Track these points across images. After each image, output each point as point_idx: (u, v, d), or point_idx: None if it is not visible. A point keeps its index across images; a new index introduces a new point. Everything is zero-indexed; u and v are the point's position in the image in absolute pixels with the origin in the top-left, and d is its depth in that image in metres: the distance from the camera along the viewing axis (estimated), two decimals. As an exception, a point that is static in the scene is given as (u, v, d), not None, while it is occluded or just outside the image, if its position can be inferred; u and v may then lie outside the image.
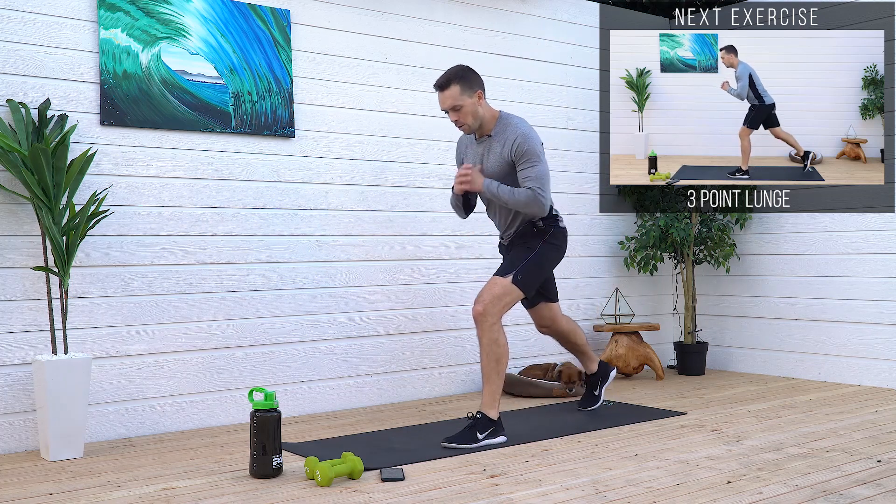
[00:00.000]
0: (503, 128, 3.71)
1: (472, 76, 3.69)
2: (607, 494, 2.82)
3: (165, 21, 4.00)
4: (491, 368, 3.59)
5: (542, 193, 3.63)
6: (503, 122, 3.73)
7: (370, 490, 2.93)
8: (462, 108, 3.65)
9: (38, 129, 3.61)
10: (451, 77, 3.66)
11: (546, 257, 3.78)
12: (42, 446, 3.51)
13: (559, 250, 3.85)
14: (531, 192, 3.61)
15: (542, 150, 3.69)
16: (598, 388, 4.31)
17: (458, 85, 3.63)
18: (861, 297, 4.98)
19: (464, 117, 3.67)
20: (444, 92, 3.66)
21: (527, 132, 3.66)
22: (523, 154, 3.63)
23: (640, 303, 5.76)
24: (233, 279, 4.20)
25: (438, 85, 3.68)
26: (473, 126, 3.72)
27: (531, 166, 3.63)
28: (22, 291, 3.67)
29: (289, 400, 4.28)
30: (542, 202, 3.64)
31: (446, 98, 3.65)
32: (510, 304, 3.67)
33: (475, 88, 3.67)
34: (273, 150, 4.31)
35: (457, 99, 3.64)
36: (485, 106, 3.72)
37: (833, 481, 2.93)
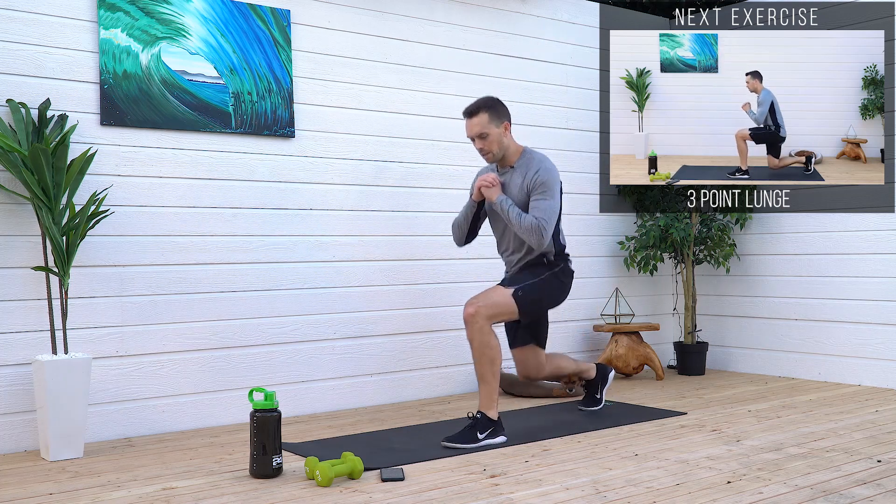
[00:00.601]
0: (527, 161, 3.78)
1: (500, 107, 3.77)
2: (607, 494, 2.82)
3: (165, 21, 4.00)
4: (486, 370, 3.59)
5: (546, 226, 3.65)
6: (527, 155, 3.81)
7: (370, 490, 2.93)
8: (488, 136, 3.71)
9: (38, 129, 3.61)
10: (480, 105, 3.74)
11: (550, 287, 3.79)
12: (42, 446, 3.51)
13: (563, 288, 3.86)
14: (535, 221, 3.64)
15: (559, 188, 3.75)
16: (599, 391, 4.31)
17: (487, 113, 3.71)
18: (861, 297, 4.98)
19: (489, 145, 3.73)
20: (473, 119, 3.73)
21: (550, 167, 3.74)
22: (541, 185, 3.68)
23: (640, 303, 5.76)
24: (233, 279, 4.20)
25: (468, 112, 3.75)
26: (497, 155, 3.77)
27: (543, 199, 3.68)
28: (22, 291, 3.67)
29: (289, 400, 4.28)
30: (543, 234, 3.65)
31: (474, 125, 3.72)
32: (502, 315, 3.66)
33: (503, 119, 3.75)
34: (273, 150, 4.31)
35: (484, 127, 3.71)
36: (510, 138, 3.79)
37: (833, 481, 2.93)
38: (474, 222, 3.92)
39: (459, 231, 3.95)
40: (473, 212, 3.88)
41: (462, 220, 3.92)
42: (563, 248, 3.89)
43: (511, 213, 3.68)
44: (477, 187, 3.79)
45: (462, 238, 3.97)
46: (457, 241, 4.00)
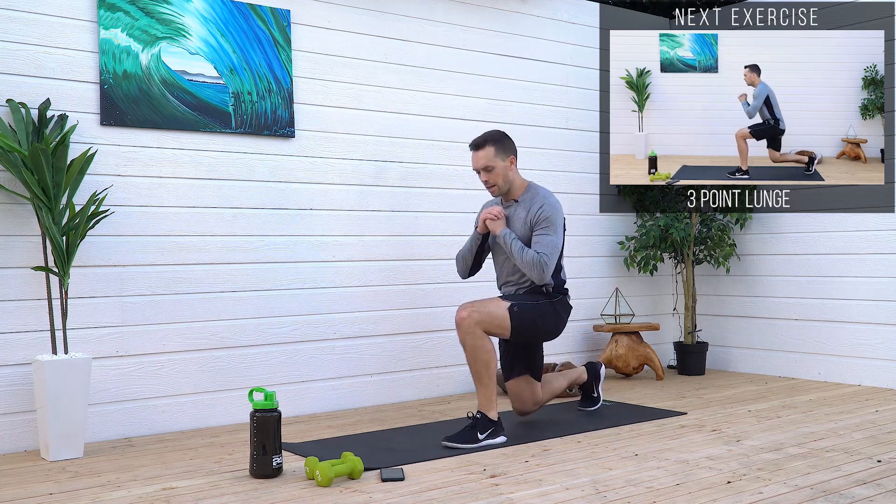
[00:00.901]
0: (531, 195, 3.81)
1: (507, 141, 3.80)
2: (607, 494, 2.82)
3: (165, 21, 4.00)
4: (482, 372, 3.59)
5: (547, 261, 3.65)
6: (532, 190, 3.83)
7: (370, 490, 2.93)
8: (494, 169, 3.75)
9: (38, 129, 3.61)
10: (487, 138, 3.77)
11: (546, 315, 3.76)
12: (42, 446, 3.51)
13: (559, 319, 3.83)
14: (538, 256, 3.65)
15: (562, 224, 3.76)
16: (595, 389, 4.30)
17: (493, 147, 3.75)
18: (861, 297, 4.98)
19: (494, 178, 3.76)
20: (479, 152, 3.76)
21: (554, 203, 3.76)
22: (544, 220, 3.71)
23: (640, 303, 5.76)
24: (233, 279, 4.20)
25: (474, 144, 3.79)
26: (503, 189, 3.80)
27: (546, 234, 3.70)
28: (22, 291, 3.67)
29: (289, 400, 4.28)
30: (544, 269, 3.66)
31: (480, 158, 3.76)
32: (493, 326, 3.61)
33: (508, 154, 3.78)
34: (273, 150, 4.31)
35: (490, 160, 3.74)
36: (515, 172, 3.82)
37: (833, 481, 2.93)
38: (478, 255, 3.94)
39: (464, 263, 3.96)
40: (478, 244, 3.89)
41: (467, 252, 3.93)
42: (563, 283, 3.89)
43: (514, 247, 3.69)
44: (482, 219, 3.81)
45: (466, 270, 3.98)
46: (460, 274, 4.00)
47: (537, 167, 5.24)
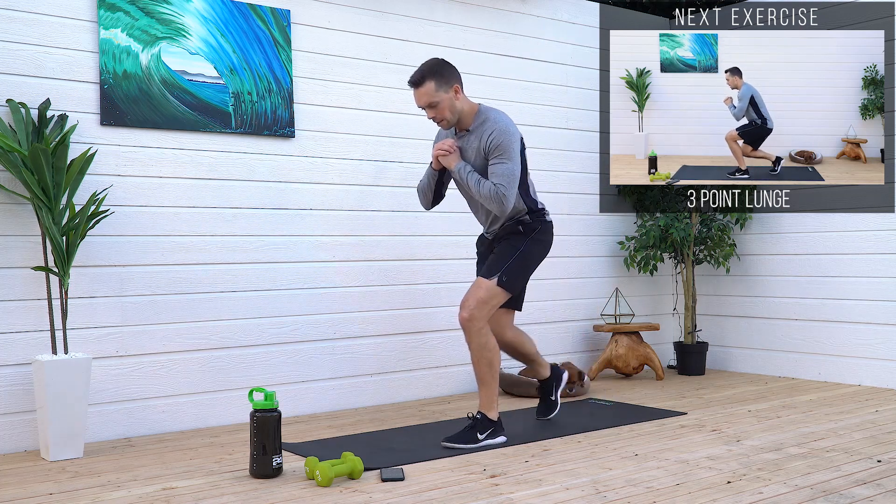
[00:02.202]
0: (482, 122, 3.60)
1: (447, 70, 3.57)
2: (607, 494, 2.82)
3: (165, 21, 4.00)
4: (484, 372, 3.57)
5: (505, 192, 3.50)
6: (482, 115, 3.61)
7: (370, 490, 2.93)
8: (438, 104, 3.53)
9: (38, 129, 3.61)
10: (424, 73, 3.53)
11: (531, 255, 3.69)
12: (42, 446, 3.51)
13: (545, 246, 3.75)
14: (494, 189, 3.50)
15: (517, 147, 3.58)
16: (554, 392, 4.10)
17: (433, 81, 3.51)
18: (861, 297, 4.98)
19: (441, 113, 3.55)
20: (419, 89, 3.53)
21: (504, 127, 3.55)
22: (496, 148, 3.52)
23: (640, 303, 5.76)
24: (233, 279, 4.20)
25: (412, 82, 3.55)
26: (452, 121, 3.60)
27: (500, 163, 3.52)
28: (22, 291, 3.67)
29: (289, 400, 4.28)
30: (504, 202, 3.52)
31: (421, 95, 3.54)
32: (496, 306, 3.60)
33: (451, 83, 3.55)
34: (273, 150, 4.31)
35: (432, 95, 3.52)
36: (463, 100, 3.60)
37: (833, 481, 2.93)
38: (438, 187, 3.79)
39: (424, 197, 3.83)
40: (435, 179, 3.75)
41: (425, 186, 3.79)
42: (536, 203, 3.73)
43: (470, 181, 3.56)
44: (434, 156, 3.66)
45: (428, 203, 3.84)
46: (423, 206, 3.87)
47: (537, 167, 5.24)
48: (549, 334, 5.30)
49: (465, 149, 3.65)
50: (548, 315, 5.31)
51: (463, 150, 3.66)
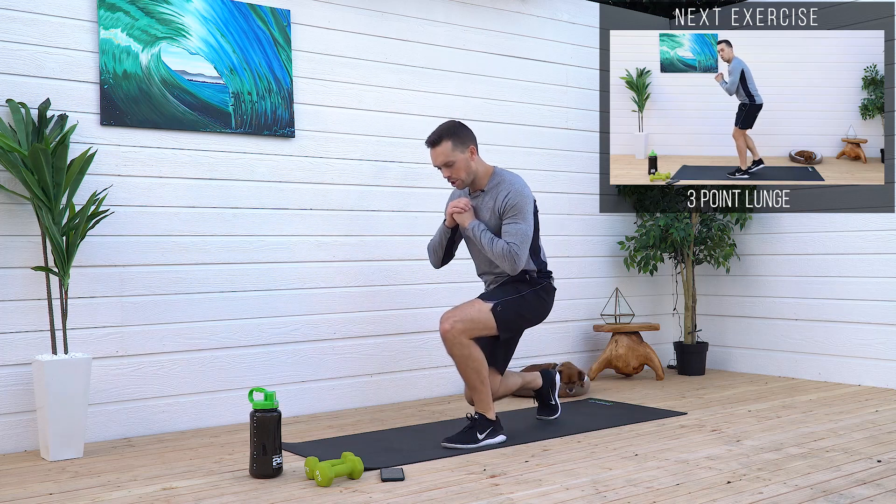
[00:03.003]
0: (497, 183, 3.68)
1: (463, 132, 3.65)
2: (607, 494, 2.82)
3: (165, 21, 4.00)
4: (473, 379, 3.56)
5: (518, 251, 3.55)
6: (497, 177, 3.70)
7: (370, 490, 2.93)
8: (454, 163, 3.61)
9: (38, 129, 3.61)
10: (442, 133, 3.62)
11: (530, 305, 3.69)
12: (42, 446, 3.51)
13: (545, 305, 3.76)
14: (507, 247, 3.55)
15: (531, 208, 3.64)
16: (552, 397, 4.11)
17: (450, 141, 3.60)
18: (861, 297, 4.98)
19: (457, 173, 3.63)
20: (436, 148, 3.62)
21: (520, 189, 3.63)
22: (511, 208, 3.59)
23: (640, 303, 5.76)
24: (232, 279, 4.20)
25: (430, 142, 3.64)
26: (467, 181, 3.67)
27: (514, 222, 3.58)
28: (22, 291, 3.67)
29: (289, 400, 4.28)
30: (516, 260, 3.56)
31: (438, 154, 3.62)
32: (479, 331, 3.54)
33: (467, 144, 3.64)
34: (273, 150, 4.31)
35: (449, 155, 3.60)
36: (478, 161, 3.69)
37: (833, 481, 2.93)
38: (449, 246, 3.86)
39: (435, 255, 3.89)
40: (447, 237, 3.82)
41: (437, 244, 3.86)
42: (545, 265, 3.79)
43: (483, 239, 3.60)
44: (449, 213, 3.72)
45: (438, 262, 3.91)
46: (433, 264, 3.93)
47: (537, 167, 5.24)
48: (549, 334, 5.31)
49: (480, 209, 3.72)
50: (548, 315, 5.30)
51: (477, 209, 3.73)
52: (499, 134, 5.08)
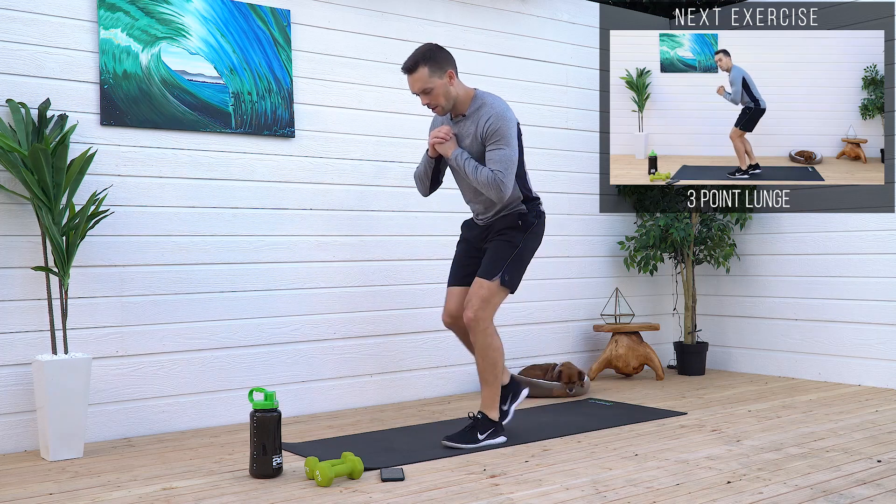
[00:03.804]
0: (478, 107, 3.54)
1: (440, 55, 3.51)
2: (607, 494, 2.82)
3: (165, 21, 4.00)
4: (488, 372, 3.57)
5: (503, 178, 3.46)
6: (478, 100, 3.56)
7: (370, 490, 2.93)
8: (433, 90, 3.49)
9: (38, 129, 3.61)
10: (418, 59, 3.49)
11: (528, 250, 3.66)
12: (42, 446, 3.51)
13: (539, 239, 3.71)
14: (492, 175, 3.45)
15: (514, 132, 3.53)
16: (507, 403, 3.83)
17: (427, 66, 3.47)
18: (861, 297, 4.98)
19: (435, 99, 3.51)
20: (413, 75, 3.49)
21: (501, 112, 3.50)
22: (493, 133, 3.47)
23: (640, 303, 5.76)
24: (233, 279, 4.20)
25: (406, 68, 3.50)
26: (447, 108, 3.54)
27: (498, 148, 3.47)
28: (22, 291, 3.67)
29: (289, 400, 4.28)
30: (502, 188, 3.47)
31: (415, 81, 3.49)
32: (498, 304, 3.60)
33: (445, 68, 3.50)
34: (273, 150, 4.31)
35: (426, 81, 3.48)
36: (457, 85, 3.54)
37: (833, 481, 2.93)
38: (435, 175, 3.76)
39: (422, 185, 3.80)
40: (432, 167, 3.72)
41: (422, 174, 3.76)
42: (531, 192, 3.68)
43: (467, 168, 3.52)
44: (430, 143, 3.61)
45: (426, 190, 3.82)
46: (421, 193, 3.85)
47: (538, 167, 5.24)
48: (549, 334, 5.31)
49: (462, 135, 3.61)
50: (548, 315, 5.31)
51: (459, 136, 3.62)
52: (499, 134, 5.08)
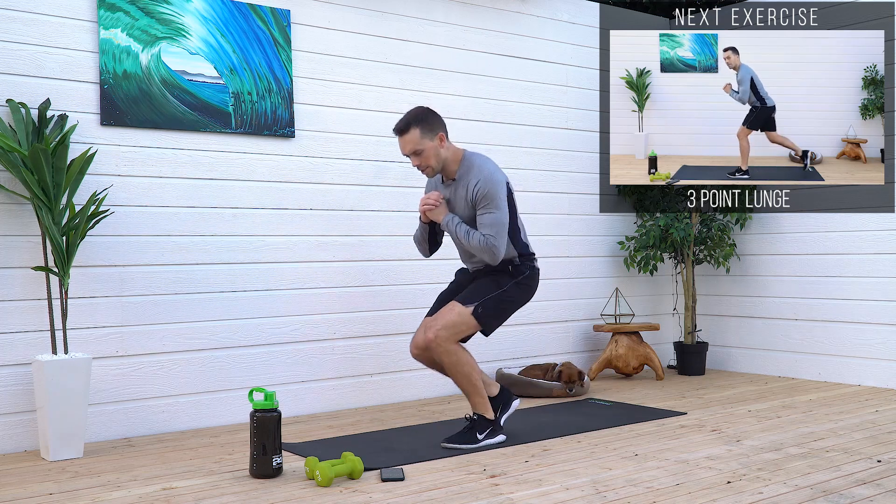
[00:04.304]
0: (466, 170, 3.58)
1: (432, 118, 3.56)
2: (607, 494, 2.82)
3: (165, 21, 4.00)
4: (465, 384, 3.54)
5: (495, 243, 3.48)
6: (466, 163, 3.59)
7: (370, 490, 2.93)
8: (423, 151, 3.53)
9: (38, 129, 3.61)
10: (410, 121, 3.53)
11: (513, 298, 3.62)
12: (42, 446, 3.51)
13: (529, 291, 3.69)
14: (484, 239, 3.48)
15: (503, 193, 3.54)
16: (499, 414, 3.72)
17: (418, 128, 3.51)
18: (861, 297, 4.98)
19: (426, 160, 3.54)
20: (405, 136, 3.53)
21: (489, 175, 3.52)
22: (483, 198, 3.50)
23: (640, 303, 5.76)
24: (232, 279, 4.20)
25: (398, 129, 3.55)
26: (436, 169, 3.58)
27: (488, 212, 3.50)
28: (22, 291, 3.67)
29: (289, 400, 4.28)
30: (495, 252, 3.49)
31: (406, 143, 3.53)
32: (463, 334, 3.52)
33: (436, 131, 3.55)
34: (273, 150, 4.31)
35: (417, 143, 3.51)
36: (448, 148, 3.59)
37: (833, 481, 2.93)
38: (432, 237, 3.79)
39: (421, 248, 3.84)
40: (427, 231, 3.76)
41: (420, 239, 3.81)
42: (527, 248, 3.69)
43: (459, 233, 3.55)
44: (421, 210, 3.65)
45: (426, 252, 3.85)
46: (423, 255, 3.88)
47: (538, 167, 5.24)
48: (549, 334, 5.31)
49: (453, 198, 3.63)
50: (548, 315, 5.31)
51: (451, 200, 3.65)
52: (499, 134, 5.08)
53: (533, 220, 5.21)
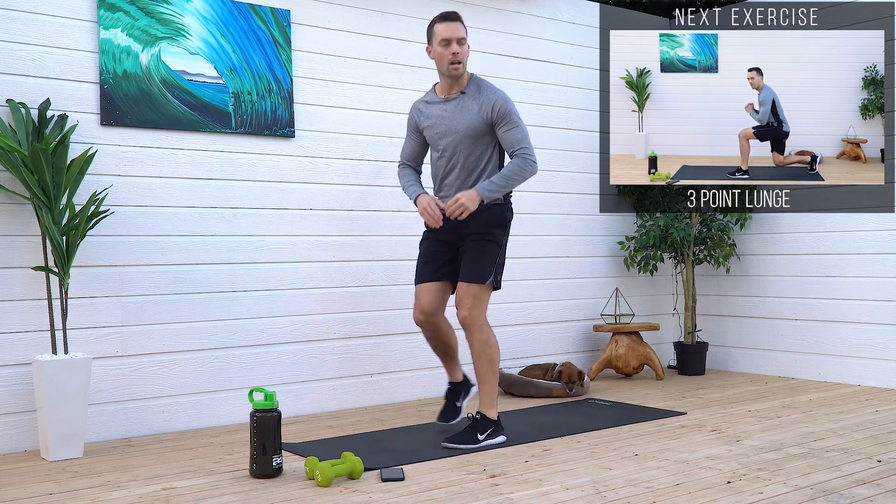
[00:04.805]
0: (477, 88, 3.65)
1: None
2: (607, 494, 2.82)
3: (165, 21, 4.00)
4: (485, 370, 3.58)
5: (531, 154, 3.59)
6: (477, 82, 3.68)
7: (370, 490, 2.93)
8: (465, 43, 3.60)
9: (38, 129, 3.61)
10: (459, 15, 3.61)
11: (503, 245, 3.69)
12: (42, 446, 3.51)
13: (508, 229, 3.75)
14: (524, 161, 3.57)
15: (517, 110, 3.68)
16: (461, 400, 3.94)
17: (464, 25, 3.62)
18: (861, 297, 4.98)
19: (465, 53, 3.60)
20: (457, 22, 3.59)
21: (503, 95, 3.64)
22: (505, 115, 3.58)
23: (640, 303, 5.76)
24: (232, 279, 4.20)
25: (451, 15, 3.59)
26: (462, 70, 3.62)
27: (513, 128, 3.60)
28: (22, 291, 3.67)
29: (289, 400, 4.28)
30: (535, 165, 3.60)
31: (459, 28, 3.58)
32: (488, 301, 3.63)
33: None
34: (273, 150, 4.31)
35: (464, 34, 3.60)
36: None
37: (833, 481, 2.93)
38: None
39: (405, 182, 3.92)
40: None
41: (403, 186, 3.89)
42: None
43: (502, 183, 3.57)
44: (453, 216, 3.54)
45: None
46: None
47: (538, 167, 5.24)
48: (549, 334, 5.31)
49: (459, 110, 3.65)
50: (548, 315, 5.31)
51: (455, 112, 3.66)
52: (499, 134, 5.08)
53: (533, 219, 5.21)
